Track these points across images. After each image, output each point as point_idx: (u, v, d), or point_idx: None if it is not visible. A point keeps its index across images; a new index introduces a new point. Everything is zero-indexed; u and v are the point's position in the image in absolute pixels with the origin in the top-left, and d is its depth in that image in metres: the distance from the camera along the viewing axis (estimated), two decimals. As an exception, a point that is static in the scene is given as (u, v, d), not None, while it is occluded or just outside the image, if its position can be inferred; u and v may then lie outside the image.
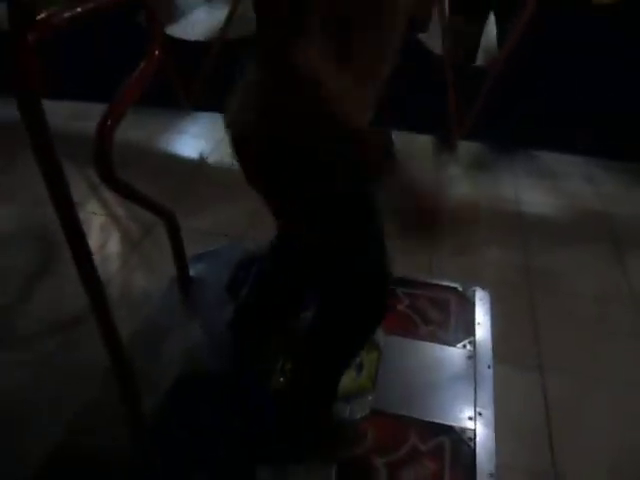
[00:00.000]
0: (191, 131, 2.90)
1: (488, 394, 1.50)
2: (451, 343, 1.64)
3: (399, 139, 1.26)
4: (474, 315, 1.74)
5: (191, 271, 1.82)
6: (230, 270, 1.84)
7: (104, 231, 2.02)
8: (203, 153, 2.70)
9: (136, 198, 1.47)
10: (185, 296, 1.78)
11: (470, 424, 1.42)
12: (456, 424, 1.42)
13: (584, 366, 1.66)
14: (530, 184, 2.50)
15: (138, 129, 2.60)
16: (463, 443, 1.38)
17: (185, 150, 2.77)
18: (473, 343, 1.64)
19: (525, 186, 2.48)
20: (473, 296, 1.80)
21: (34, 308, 1.81)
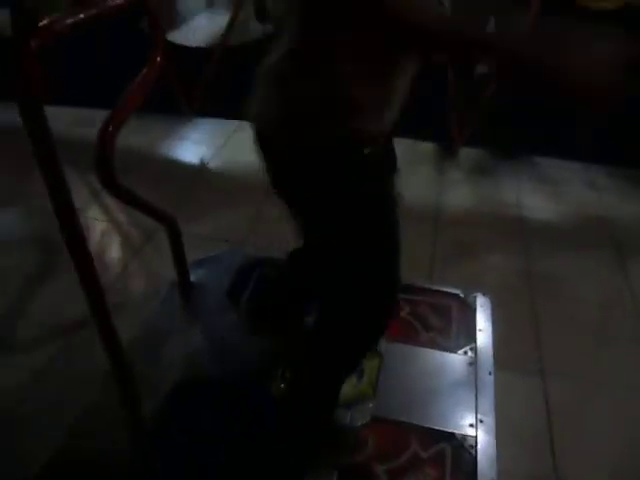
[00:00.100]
0: (192, 137, 2.91)
1: (489, 401, 1.49)
2: (452, 350, 1.63)
3: (401, 146, 1.27)
4: (475, 321, 1.73)
5: (192, 276, 1.82)
6: (231, 276, 1.84)
7: (105, 236, 2.02)
8: (204, 159, 2.71)
9: (137, 204, 1.47)
10: (186, 301, 1.78)
11: (471, 431, 1.41)
12: (457, 431, 1.41)
13: (586, 372, 1.66)
14: (532, 190, 2.50)
15: (139, 135, 2.61)
16: (464, 450, 1.37)
17: (186, 156, 2.77)
18: (474, 349, 1.63)
19: (527, 192, 2.48)
20: (474, 302, 1.79)
21: (35, 312, 1.81)
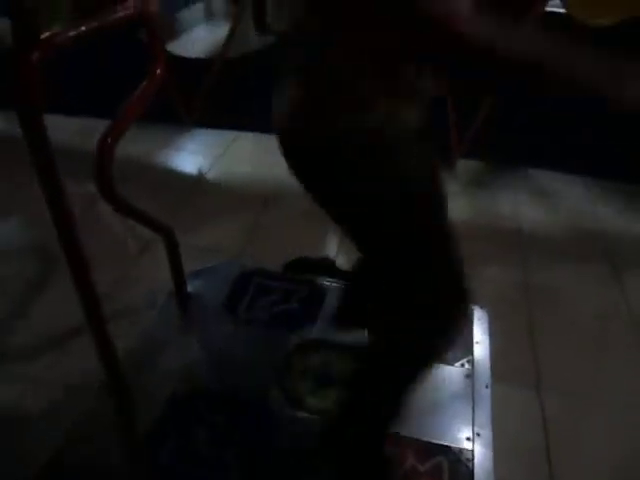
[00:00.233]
0: (190, 147, 2.92)
1: (486, 414, 1.49)
2: (449, 362, 1.63)
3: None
4: (472, 334, 1.73)
5: (189, 287, 1.81)
6: (228, 287, 1.84)
7: (102, 246, 2.02)
8: (202, 169, 2.72)
9: (135, 214, 1.47)
10: (183, 312, 1.78)
11: (468, 445, 1.41)
12: (454, 444, 1.41)
13: (582, 385, 1.65)
14: (529, 202, 2.51)
15: (138, 144, 2.62)
16: (461, 464, 1.36)
17: (184, 166, 2.78)
18: (471, 362, 1.63)
19: (524, 204, 2.49)
20: (472, 315, 1.79)
21: (33, 319, 1.81)
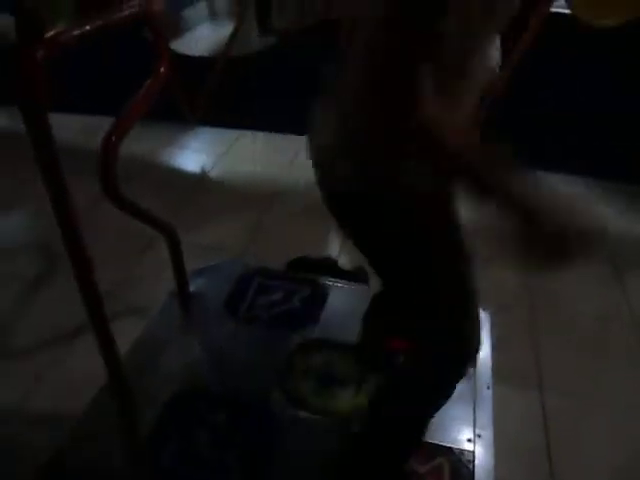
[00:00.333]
0: (193, 145, 2.93)
1: (487, 415, 1.49)
2: (450, 363, 1.63)
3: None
4: (474, 335, 1.73)
5: (191, 286, 1.81)
6: (230, 286, 1.84)
7: (105, 245, 2.02)
8: (205, 167, 2.72)
9: (138, 213, 1.47)
10: (185, 311, 1.78)
11: (469, 446, 1.40)
12: (455, 445, 1.40)
13: (584, 386, 1.66)
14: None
15: (141, 142, 2.62)
16: (462, 465, 1.36)
17: (187, 164, 2.79)
18: (473, 364, 1.63)
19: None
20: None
21: (36, 317, 1.82)
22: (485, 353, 1.68)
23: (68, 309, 1.57)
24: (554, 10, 2.46)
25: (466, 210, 1.03)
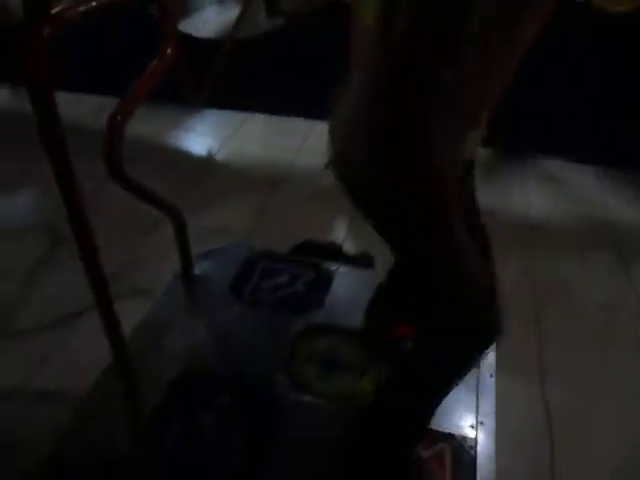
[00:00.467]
0: (199, 128, 2.91)
1: (490, 403, 1.49)
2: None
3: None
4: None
5: (196, 269, 1.81)
6: (235, 268, 1.84)
7: (111, 226, 2.02)
8: (211, 150, 2.71)
9: (144, 195, 1.47)
10: (190, 293, 1.78)
11: (471, 432, 1.41)
12: (457, 432, 1.41)
13: (587, 376, 1.65)
14: (538, 191, 2.49)
15: (146, 124, 2.61)
16: (464, 451, 1.37)
17: (193, 147, 2.77)
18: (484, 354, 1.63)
19: (533, 193, 2.47)
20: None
21: (41, 298, 1.82)
22: (489, 341, 1.68)
23: (73, 290, 1.58)
24: (567, -5, 2.42)
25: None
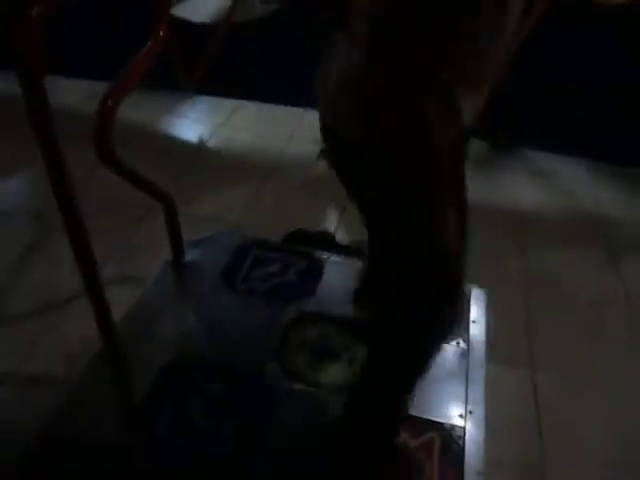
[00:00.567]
0: (191, 115, 2.88)
1: (480, 392, 1.50)
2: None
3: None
4: (469, 313, 1.73)
5: (187, 256, 1.81)
6: (226, 257, 1.83)
7: (101, 212, 2.00)
8: (203, 137, 2.68)
9: (135, 180, 1.45)
10: (180, 281, 1.78)
11: (460, 422, 1.42)
12: (446, 421, 1.42)
13: (577, 368, 1.66)
14: (530, 184, 2.49)
15: (137, 110, 2.57)
16: (452, 440, 1.38)
17: (185, 133, 2.75)
18: (467, 341, 1.63)
19: (525, 186, 2.47)
20: (469, 294, 1.79)
21: (31, 283, 1.81)
22: (479, 330, 1.68)
23: (63, 276, 1.56)
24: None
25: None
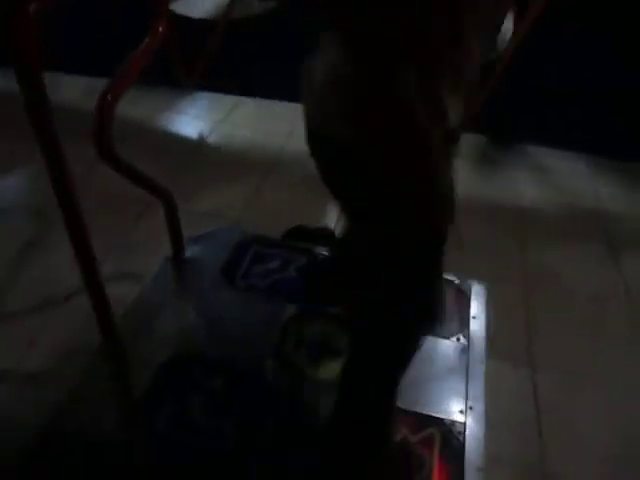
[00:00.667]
0: (191, 111, 2.87)
1: (480, 388, 1.50)
2: (445, 335, 1.63)
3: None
4: (469, 309, 1.73)
5: (187, 252, 1.81)
6: (226, 253, 1.83)
7: (101, 209, 2.00)
8: (203, 134, 2.68)
9: (134, 177, 1.45)
10: (180, 277, 1.78)
11: (460, 417, 1.42)
12: (446, 417, 1.42)
13: (577, 364, 1.66)
14: (530, 179, 2.49)
15: (137, 106, 2.57)
16: (452, 436, 1.38)
17: (184, 130, 2.74)
18: (467, 337, 1.64)
19: (525, 181, 2.47)
20: (469, 290, 1.79)
21: (31, 280, 1.80)
22: (480, 326, 1.69)
23: (63, 272, 1.56)
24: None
25: (461, 189, 1.02)
